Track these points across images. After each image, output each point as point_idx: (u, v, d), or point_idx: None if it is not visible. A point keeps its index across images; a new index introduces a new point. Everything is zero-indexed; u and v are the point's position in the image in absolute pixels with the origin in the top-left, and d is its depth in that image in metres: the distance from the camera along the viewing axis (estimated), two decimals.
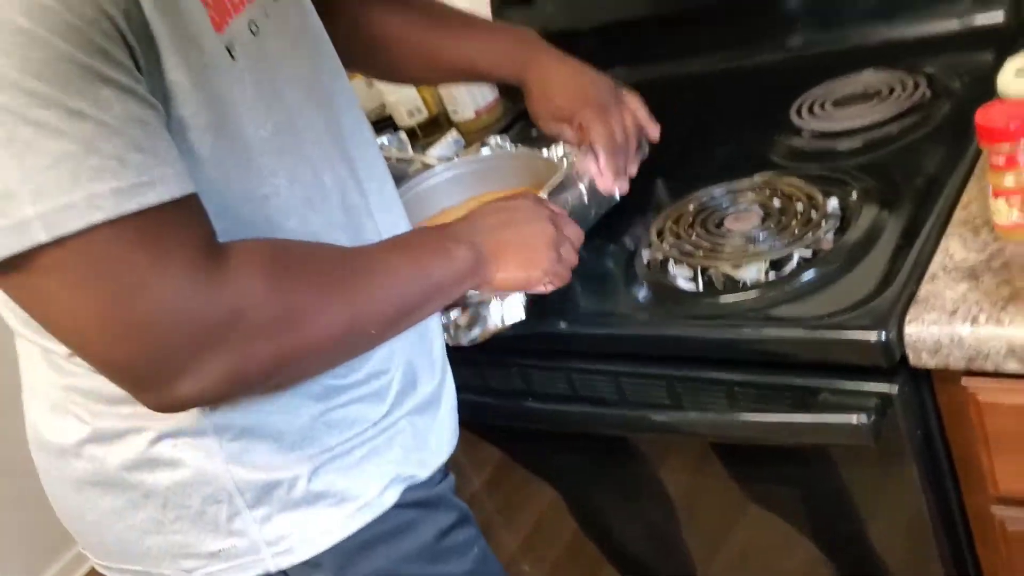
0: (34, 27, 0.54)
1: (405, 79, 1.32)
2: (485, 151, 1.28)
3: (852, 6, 1.21)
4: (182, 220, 0.64)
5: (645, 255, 0.97)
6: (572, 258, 0.89)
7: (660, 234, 0.98)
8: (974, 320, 0.73)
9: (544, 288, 0.87)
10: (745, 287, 0.88)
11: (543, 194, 1.02)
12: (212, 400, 0.70)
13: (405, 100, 1.56)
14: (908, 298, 0.78)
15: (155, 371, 0.64)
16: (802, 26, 1.24)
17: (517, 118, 1.52)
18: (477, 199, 1.22)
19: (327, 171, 0.77)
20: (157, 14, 0.61)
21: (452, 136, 1.44)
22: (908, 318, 0.76)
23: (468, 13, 1.13)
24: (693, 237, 0.95)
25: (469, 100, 1.52)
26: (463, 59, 1.09)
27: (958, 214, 0.85)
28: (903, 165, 0.96)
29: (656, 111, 1.24)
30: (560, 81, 1.06)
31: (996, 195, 0.77)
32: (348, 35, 0.98)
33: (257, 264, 0.67)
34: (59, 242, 0.57)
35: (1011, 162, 0.75)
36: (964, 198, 0.86)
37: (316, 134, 0.76)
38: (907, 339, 0.76)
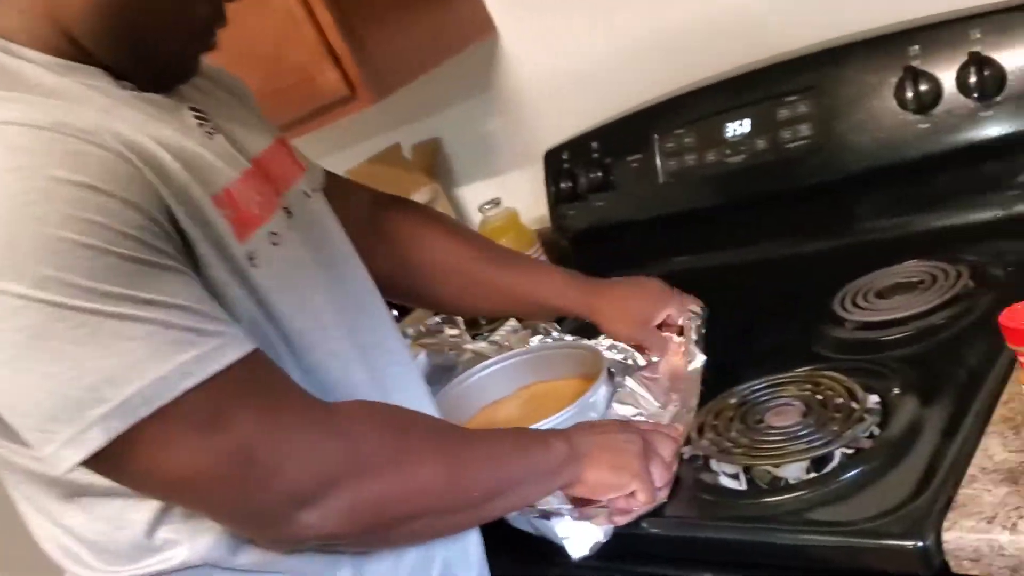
0: (92, 241, 0.62)
1: (456, 310, 1.35)
2: (534, 341, 1.32)
3: (897, 197, 1.23)
4: (270, 368, 0.72)
5: (686, 451, 0.97)
6: (662, 474, 0.92)
7: (701, 430, 0.98)
8: (1013, 527, 0.71)
9: (628, 512, 0.91)
10: (787, 486, 0.87)
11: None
12: (332, 535, 0.75)
13: None
14: (946, 502, 0.76)
15: (283, 510, 0.71)
16: (847, 216, 1.27)
17: None
18: (527, 388, 1.25)
19: (344, 368, 0.83)
20: (189, 221, 0.69)
21: (511, 323, 1.48)
22: (946, 524, 0.74)
23: (520, 252, 1.22)
24: (733, 433, 0.95)
25: None
26: (522, 290, 1.16)
27: (999, 411, 0.84)
28: (944, 357, 0.95)
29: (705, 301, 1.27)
30: (633, 295, 1.16)
31: None
32: (393, 265, 1.07)
33: (365, 411, 0.79)
34: (160, 412, 0.64)
35: None
36: (1005, 395, 0.85)
37: (338, 333, 0.83)
38: (946, 547, 0.74)
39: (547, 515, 0.91)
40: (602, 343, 1.21)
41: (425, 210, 1.22)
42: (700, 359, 1.10)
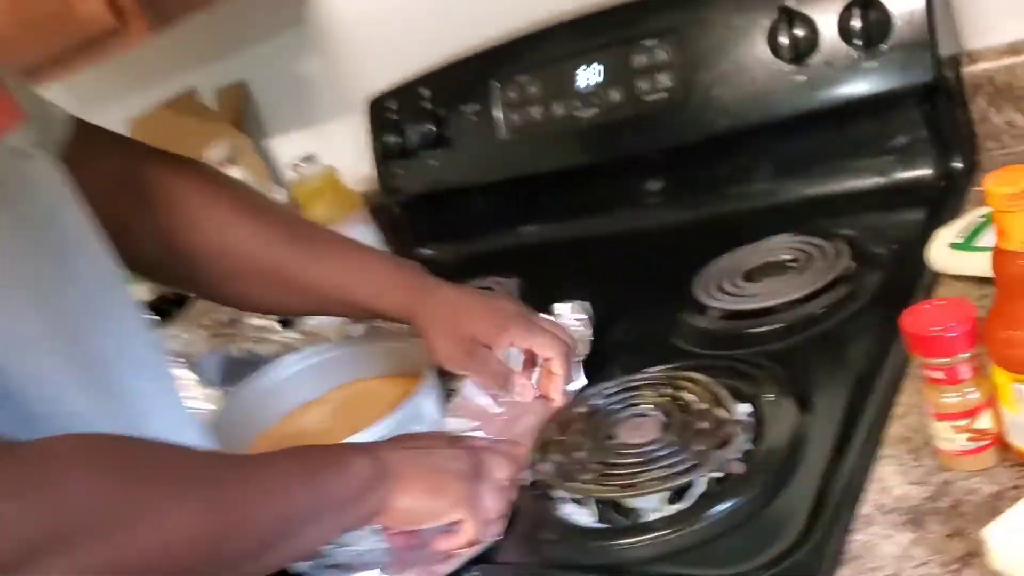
0: None
1: (248, 307, 1.07)
2: (356, 330, 1.12)
3: (768, 161, 1.08)
4: None
5: (525, 475, 0.79)
6: (495, 502, 0.75)
7: (545, 448, 0.81)
8: None
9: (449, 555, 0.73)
10: (643, 525, 0.70)
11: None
12: None
13: None
14: (835, 553, 0.61)
15: None
16: (710, 182, 1.11)
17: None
18: (342, 390, 1.05)
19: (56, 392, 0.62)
20: None
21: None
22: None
23: (334, 231, 0.98)
24: (582, 453, 0.78)
25: None
26: (332, 286, 0.91)
27: (893, 427, 0.69)
28: (825, 355, 0.81)
29: (546, 281, 1.09)
30: (468, 309, 0.90)
31: (938, 417, 0.62)
32: (162, 249, 0.84)
33: (79, 449, 0.57)
34: None
35: (953, 377, 0.60)
36: (900, 406, 0.71)
37: (48, 346, 0.63)
38: None
39: (350, 569, 0.72)
40: None
41: (210, 175, 0.94)
42: (579, 383, 0.90)
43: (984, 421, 0.61)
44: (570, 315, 0.96)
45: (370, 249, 1.01)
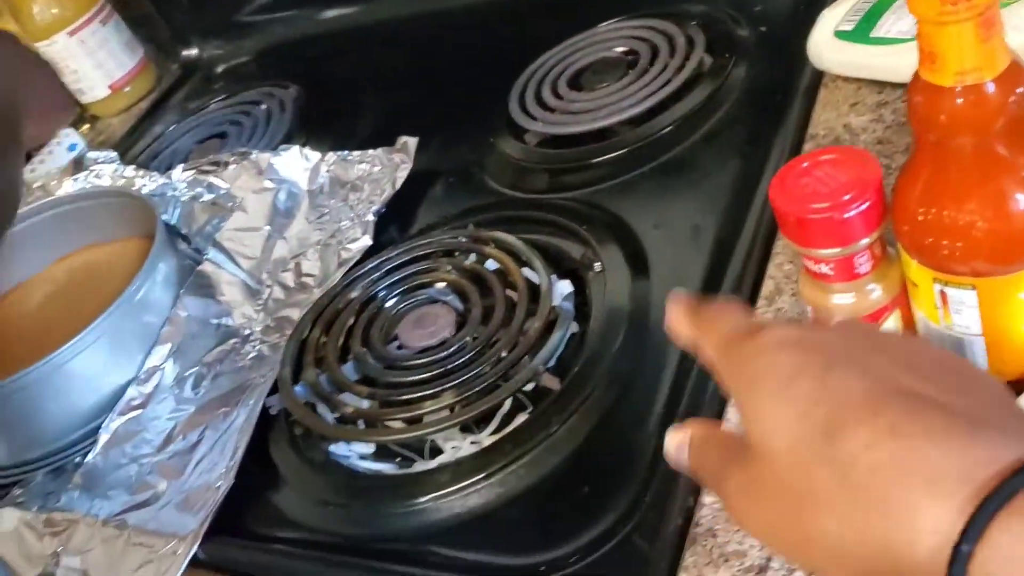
0: None
1: None
2: (72, 184, 0.85)
3: None
4: None
5: (273, 403, 0.58)
6: None
7: (300, 356, 0.59)
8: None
9: None
10: (438, 457, 0.51)
11: None
12: None
13: None
14: (681, 528, 0.43)
15: None
16: None
17: (176, 87, 1.08)
18: (67, 260, 0.80)
19: None
20: None
21: (67, 138, 0.98)
22: (683, 563, 0.41)
23: None
24: (349, 366, 0.57)
25: (96, 71, 1.06)
26: None
27: (761, 312, 0.50)
28: (676, 198, 0.60)
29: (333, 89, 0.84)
30: None
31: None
32: None
33: None
34: None
35: (846, 272, 0.40)
36: (770, 281, 0.51)
37: None
38: None
39: None
40: None
41: None
42: (362, 242, 0.67)
43: (889, 326, 0.41)
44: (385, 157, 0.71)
45: None
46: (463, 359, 0.54)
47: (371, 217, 0.67)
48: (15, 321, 0.78)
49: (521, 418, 0.51)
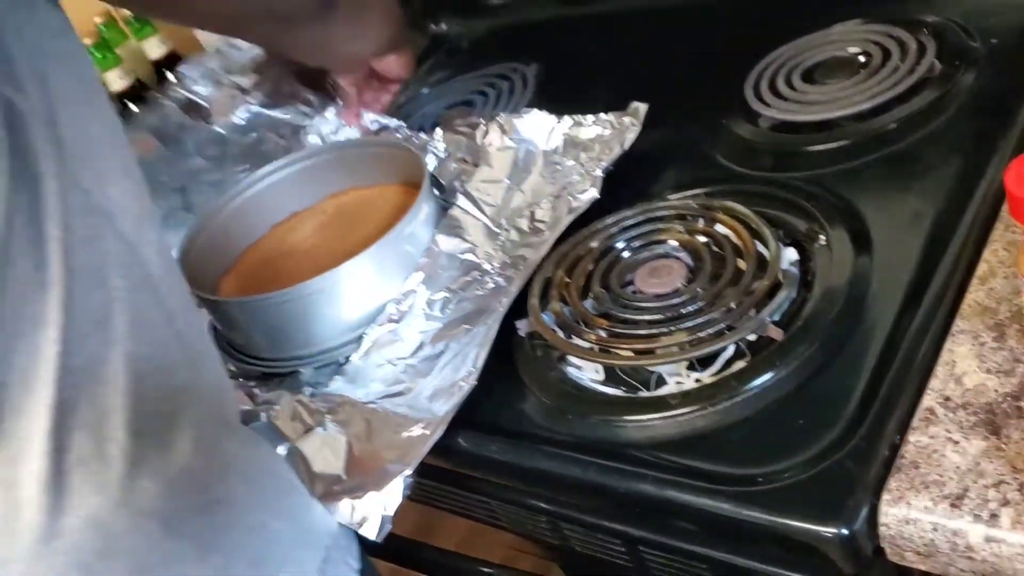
0: None
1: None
2: (350, 134, 0.98)
3: None
4: None
5: (521, 326, 0.68)
6: None
7: (546, 293, 0.69)
8: (992, 518, 0.45)
9: None
10: (657, 398, 0.59)
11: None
12: None
13: None
14: (888, 459, 0.49)
15: None
16: None
17: (423, 58, 1.20)
18: (336, 198, 0.93)
19: None
20: None
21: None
22: (886, 496, 0.48)
23: None
24: (588, 303, 0.66)
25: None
26: None
27: (973, 294, 0.55)
28: (897, 185, 0.66)
29: (571, 68, 0.93)
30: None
31: None
32: None
33: None
34: None
35: None
36: (984, 264, 0.57)
37: None
38: (883, 531, 0.48)
39: None
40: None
41: None
42: (590, 194, 0.75)
43: None
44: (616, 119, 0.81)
45: None
46: (694, 307, 0.62)
47: (599, 172, 0.76)
48: (290, 244, 0.91)
49: (742, 364, 0.59)
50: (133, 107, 1.29)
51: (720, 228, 0.67)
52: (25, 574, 0.47)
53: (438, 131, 0.91)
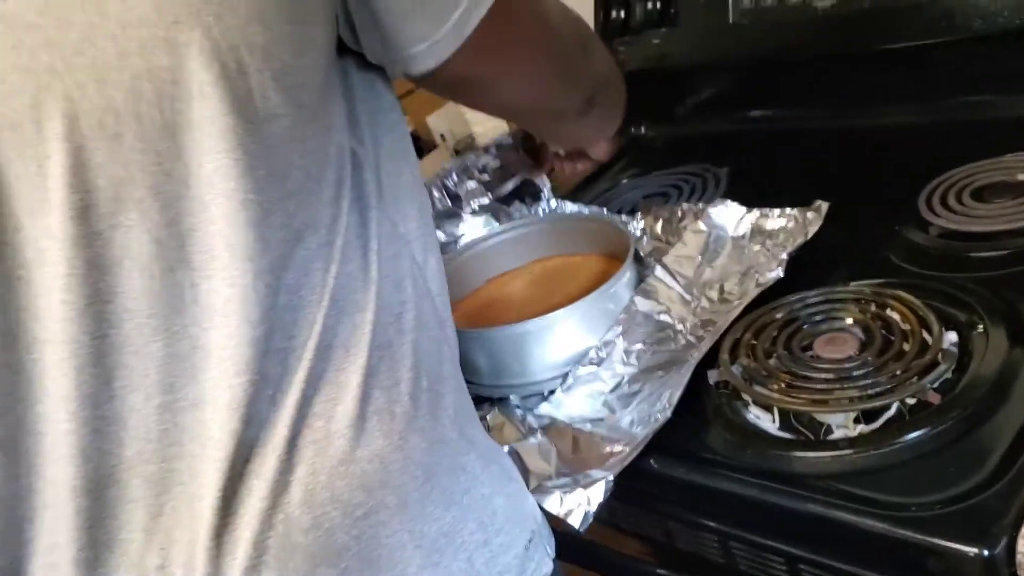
0: None
1: None
2: (566, 207, 1.15)
3: (1016, 68, 0.99)
4: None
5: (712, 375, 0.81)
6: None
7: (735, 350, 0.82)
8: None
9: None
10: (826, 441, 0.71)
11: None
12: None
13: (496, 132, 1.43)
14: None
15: None
16: (954, 86, 1.03)
17: (620, 155, 1.37)
18: (541, 263, 1.09)
19: None
20: None
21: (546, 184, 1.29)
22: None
23: None
24: (772, 361, 0.79)
25: None
26: None
27: None
28: None
29: (759, 173, 1.07)
30: None
31: None
32: None
33: None
34: None
35: None
36: None
37: None
38: (1020, 559, 0.58)
39: None
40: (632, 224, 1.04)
41: None
42: (775, 273, 0.89)
43: None
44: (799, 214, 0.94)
45: None
46: (864, 371, 0.74)
47: (784, 256, 0.89)
48: (504, 294, 1.07)
49: (903, 420, 0.70)
50: None
51: (890, 313, 0.79)
52: (326, 483, 0.62)
53: (637, 214, 1.06)
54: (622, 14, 1.26)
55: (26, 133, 0.52)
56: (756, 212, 0.97)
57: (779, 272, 0.88)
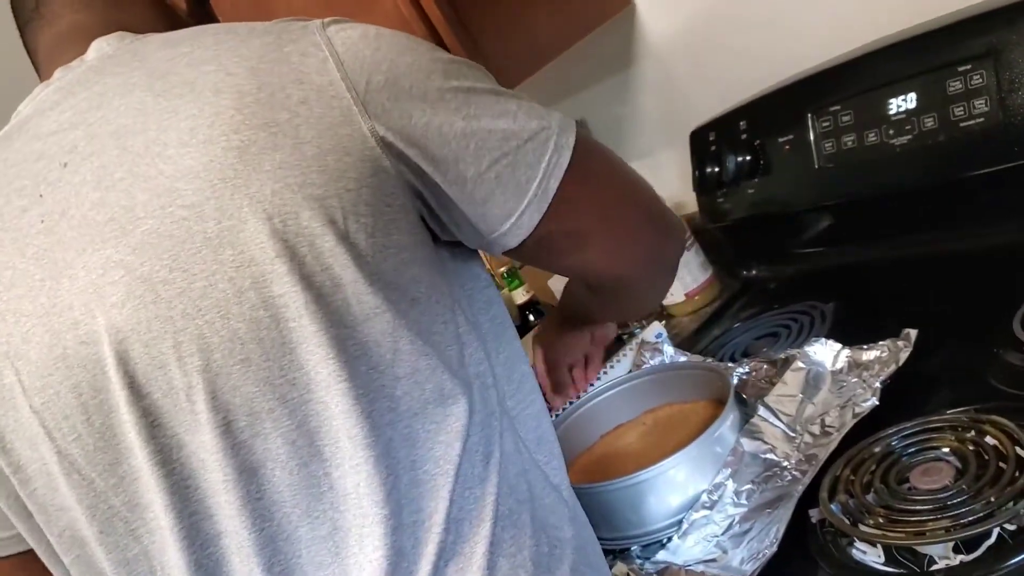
0: None
1: None
2: (653, 361, 1.21)
3: None
4: None
5: (814, 515, 0.83)
6: None
7: (834, 488, 0.84)
8: None
9: None
10: (932, 567, 0.72)
11: None
12: None
13: None
14: None
15: None
16: None
17: (735, 297, 1.42)
18: (653, 413, 1.15)
19: None
20: None
21: (655, 328, 1.36)
22: None
23: None
24: (870, 497, 0.81)
25: (678, 283, 1.44)
26: None
27: None
28: None
29: (862, 305, 1.09)
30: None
31: None
32: None
33: None
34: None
35: None
36: None
37: None
38: None
39: None
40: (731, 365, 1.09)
41: None
42: (871, 402, 0.92)
43: None
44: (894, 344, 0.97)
45: None
46: (960, 499, 0.75)
47: (878, 384, 0.92)
48: (616, 448, 1.13)
49: (1004, 545, 0.70)
50: None
51: (987, 439, 0.80)
52: None
53: (743, 359, 1.11)
54: (716, 169, 1.34)
55: (171, 371, 0.63)
56: (850, 348, 1.00)
57: (874, 400, 0.90)
